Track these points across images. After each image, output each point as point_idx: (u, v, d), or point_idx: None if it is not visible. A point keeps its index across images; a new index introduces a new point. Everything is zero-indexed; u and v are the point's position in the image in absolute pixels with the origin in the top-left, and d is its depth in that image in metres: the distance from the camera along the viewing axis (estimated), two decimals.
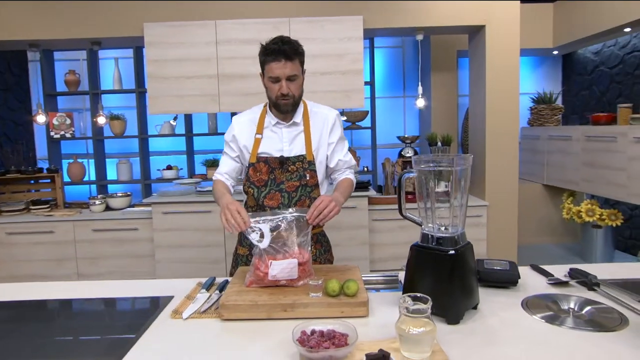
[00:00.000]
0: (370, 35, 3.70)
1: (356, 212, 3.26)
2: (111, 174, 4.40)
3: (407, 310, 0.94)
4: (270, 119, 1.66)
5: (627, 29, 3.63)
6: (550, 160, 4.28)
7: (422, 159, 1.17)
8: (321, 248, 1.72)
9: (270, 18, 3.19)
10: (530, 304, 1.23)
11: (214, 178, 1.73)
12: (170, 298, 1.36)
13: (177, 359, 1.00)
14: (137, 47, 3.98)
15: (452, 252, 1.13)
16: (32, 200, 3.55)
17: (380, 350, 0.89)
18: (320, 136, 1.66)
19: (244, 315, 1.17)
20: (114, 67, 4.14)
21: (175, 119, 4.04)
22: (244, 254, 1.74)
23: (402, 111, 4.71)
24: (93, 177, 4.30)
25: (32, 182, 3.75)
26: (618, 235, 3.94)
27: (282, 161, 1.61)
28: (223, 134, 4.13)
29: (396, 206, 3.67)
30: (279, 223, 1.33)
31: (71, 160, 4.17)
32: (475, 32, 3.46)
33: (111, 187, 4.37)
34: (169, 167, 4.19)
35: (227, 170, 1.72)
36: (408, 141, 3.68)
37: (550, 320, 1.14)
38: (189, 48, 3.19)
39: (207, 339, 1.09)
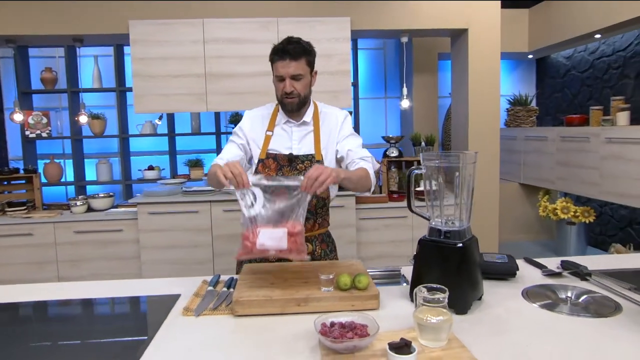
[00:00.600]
0: (357, 37, 3.76)
1: (344, 211, 3.30)
2: (89, 175, 4.28)
3: (426, 300, 0.98)
4: (282, 117, 1.69)
5: (598, 35, 3.82)
6: (527, 160, 4.45)
7: (430, 155, 1.21)
8: (327, 248, 1.73)
9: (258, 18, 3.19)
10: (530, 294, 1.30)
11: (213, 163, 1.68)
12: (177, 296, 1.36)
13: (198, 356, 1.01)
14: (118, 44, 3.90)
15: (460, 244, 1.18)
16: (8, 202, 3.42)
17: (402, 339, 0.93)
18: (329, 136, 1.68)
19: (258, 311, 1.19)
20: (93, 65, 4.04)
21: (160, 118, 3.98)
22: None
23: (384, 112, 4.79)
24: (70, 178, 4.18)
25: (5, 183, 3.61)
26: (589, 232, 4.13)
27: (291, 159, 1.63)
28: (206, 134, 4.19)
29: (382, 205, 3.69)
30: (273, 190, 1.29)
31: (47, 161, 4.04)
32: (458, 35, 3.56)
33: (90, 188, 4.26)
34: (151, 168, 4.12)
35: (229, 157, 1.66)
36: (392, 141, 3.75)
37: (550, 308, 1.20)
38: (175, 46, 3.15)
39: (223, 335, 1.10)
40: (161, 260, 3.21)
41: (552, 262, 1.56)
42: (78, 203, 3.39)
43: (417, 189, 3.63)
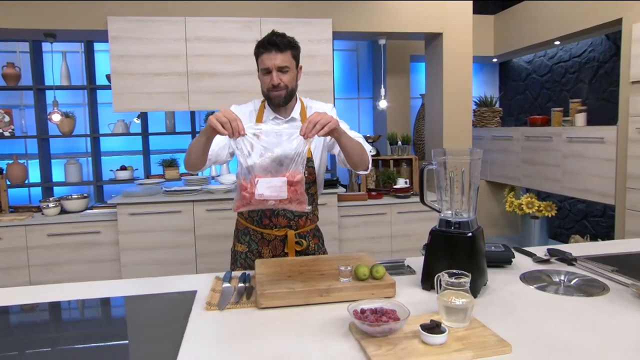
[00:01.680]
0: (338, 38, 3.84)
1: (327, 209, 3.37)
2: (56, 176, 4.11)
3: (451, 284, 1.06)
4: (269, 113, 1.67)
5: (557, 42, 4.11)
6: (493, 158, 4.70)
7: (441, 151, 1.30)
8: (319, 242, 1.79)
9: (241, 17, 3.20)
10: (528, 279, 1.41)
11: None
12: (194, 292, 1.37)
13: (235, 346, 1.04)
14: (88, 41, 3.78)
15: (470, 234, 1.27)
16: None
17: (432, 320, 1.00)
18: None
19: (282, 303, 1.23)
20: (61, 62, 3.88)
21: (138, 117, 3.89)
22: (242, 250, 1.75)
23: (357, 112, 4.90)
24: (35, 179, 3.99)
25: None
26: (550, 225, 4.43)
27: None
28: (182, 133, 4.12)
29: (362, 203, 3.78)
30: (271, 138, 1.23)
31: (10, 161, 3.84)
32: (433, 39, 3.72)
33: (57, 190, 4.10)
34: (123, 168, 4.02)
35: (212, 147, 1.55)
36: (370, 140, 3.86)
37: (547, 290, 1.32)
38: (156, 44, 3.10)
39: (254, 326, 1.13)
40: (142, 261, 3.14)
41: (539, 251, 1.70)
42: (50, 205, 3.26)
43: (395, 186, 3.77)
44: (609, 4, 3.29)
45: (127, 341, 1.13)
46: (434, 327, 0.99)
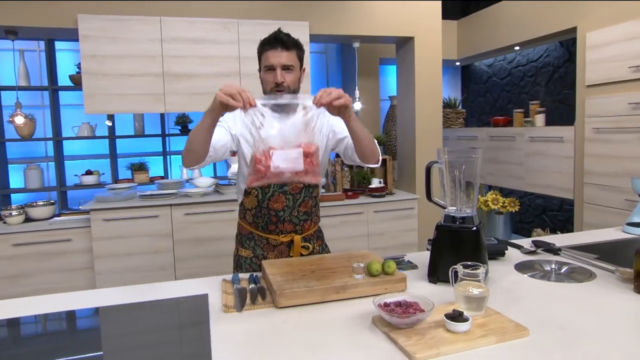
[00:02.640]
0: (314, 41, 3.87)
1: None
2: (14, 182, 3.87)
3: (468, 275, 1.13)
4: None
5: (517, 47, 4.36)
6: None
7: (446, 150, 1.37)
8: (322, 243, 1.80)
9: (218, 18, 3.16)
10: (522, 269, 1.51)
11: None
12: (205, 296, 1.36)
13: (266, 344, 1.05)
14: (49, 39, 3.60)
15: (474, 228, 1.35)
16: None
17: (454, 310, 1.06)
18: (321, 128, 1.62)
19: (300, 301, 1.25)
20: (18, 61, 3.66)
21: (111, 119, 3.74)
22: (247, 256, 1.69)
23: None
24: None
25: None
26: (512, 220, 4.69)
27: None
28: (151, 135, 4.00)
29: (339, 203, 3.82)
30: (283, 109, 1.19)
31: None
32: (404, 43, 3.84)
33: (15, 197, 3.86)
34: (89, 172, 3.85)
35: (213, 141, 1.44)
36: None
37: (542, 278, 1.43)
38: (131, 44, 3.00)
39: (278, 325, 1.14)
40: (118, 268, 3.03)
41: (525, 243, 1.81)
42: (13, 213, 3.07)
43: (370, 186, 3.86)
44: (565, 13, 3.54)
45: (155, 347, 1.11)
46: (457, 316, 1.04)
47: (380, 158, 1.58)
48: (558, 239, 1.87)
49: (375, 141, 1.57)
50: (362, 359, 0.96)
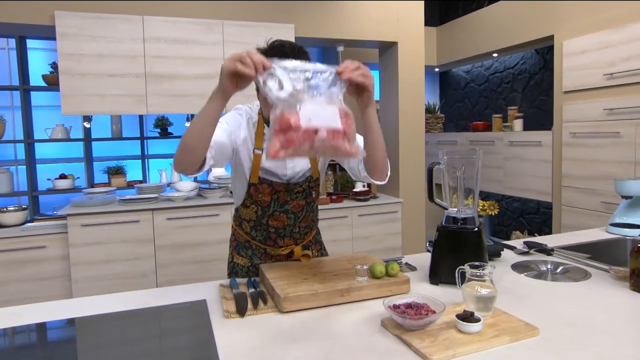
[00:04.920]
0: (300, 44, 3.85)
1: None
2: None
3: (477, 275, 1.12)
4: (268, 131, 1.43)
5: (495, 54, 4.48)
6: None
7: (448, 151, 1.37)
8: (320, 247, 1.76)
9: (203, 19, 3.10)
10: (519, 269, 1.53)
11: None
12: (203, 301, 1.31)
13: (276, 350, 1.01)
14: (21, 37, 3.44)
15: (476, 229, 1.35)
16: None
17: (465, 310, 1.06)
18: None
19: (304, 305, 1.21)
20: None
21: (89, 120, 3.61)
22: (244, 264, 1.60)
23: None
24: None
25: None
26: (491, 223, 4.79)
27: (290, 188, 1.49)
28: (129, 138, 3.88)
29: (323, 207, 3.80)
30: (305, 75, 0.98)
31: None
32: (387, 47, 3.88)
33: None
34: (63, 176, 3.70)
35: (215, 139, 1.25)
36: None
37: (540, 278, 1.44)
38: (111, 43, 2.90)
39: (284, 330, 1.11)
40: (96, 276, 2.91)
41: (517, 244, 1.84)
42: None
43: (355, 189, 3.85)
44: (542, 22, 3.66)
45: (160, 356, 1.06)
46: (468, 317, 1.04)
47: (389, 173, 1.40)
48: (548, 240, 1.90)
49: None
50: None
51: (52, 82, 3.42)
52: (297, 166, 1.50)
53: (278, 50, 1.30)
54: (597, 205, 3.18)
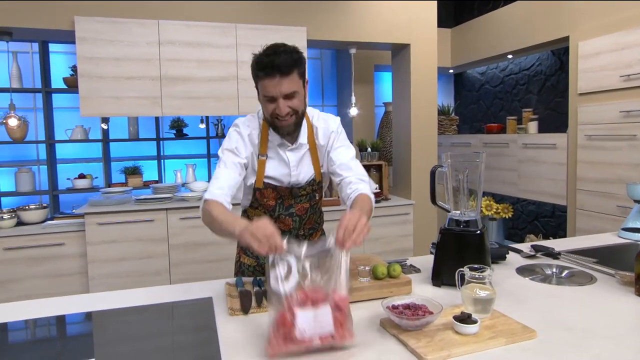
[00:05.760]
0: (312, 46, 3.89)
1: None
2: (4, 186, 3.81)
3: (476, 277, 1.13)
4: (273, 137, 1.47)
5: (510, 56, 4.43)
6: None
7: (451, 155, 1.38)
8: None
9: (216, 22, 3.16)
10: (523, 272, 1.53)
11: (206, 198, 1.36)
12: (209, 299, 1.35)
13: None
14: (43, 41, 3.56)
15: (479, 232, 1.36)
16: None
17: (463, 312, 1.07)
18: (325, 150, 1.55)
19: None
20: (11, 63, 3.62)
21: (106, 122, 3.71)
22: (250, 264, 1.66)
23: None
24: None
25: None
26: (505, 226, 4.73)
27: (295, 192, 1.54)
28: (146, 139, 3.98)
29: (335, 208, 3.83)
30: (307, 259, 1.03)
31: None
32: (400, 49, 3.88)
33: (5, 201, 3.80)
34: (82, 176, 3.80)
35: (230, 184, 1.38)
36: None
37: (544, 281, 1.44)
38: (128, 47, 2.99)
39: None
40: (112, 273, 2.99)
41: (524, 247, 1.83)
42: (5, 216, 3.02)
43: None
44: (557, 23, 3.61)
45: (164, 350, 1.09)
46: (465, 318, 1.05)
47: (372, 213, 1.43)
48: (556, 244, 1.89)
49: (372, 188, 1.49)
50: None
51: (72, 85, 3.52)
52: (300, 175, 1.54)
53: (268, 65, 1.30)
54: (612, 209, 3.12)
